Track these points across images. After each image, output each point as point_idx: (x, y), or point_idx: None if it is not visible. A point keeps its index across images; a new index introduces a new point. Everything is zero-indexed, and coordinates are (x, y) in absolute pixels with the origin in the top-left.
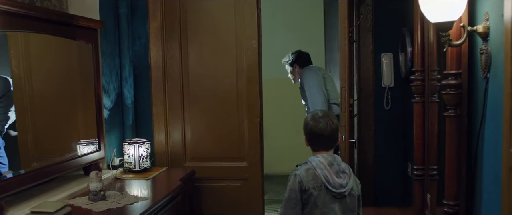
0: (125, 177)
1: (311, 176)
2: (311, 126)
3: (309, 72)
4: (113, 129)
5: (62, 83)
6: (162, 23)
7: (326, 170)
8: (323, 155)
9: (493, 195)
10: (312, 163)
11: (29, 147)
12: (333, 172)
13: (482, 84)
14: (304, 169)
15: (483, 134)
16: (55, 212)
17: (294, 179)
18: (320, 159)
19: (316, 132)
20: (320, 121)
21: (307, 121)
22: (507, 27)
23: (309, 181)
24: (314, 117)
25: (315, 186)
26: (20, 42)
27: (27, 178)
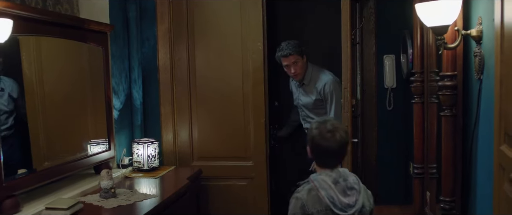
0: (134, 176)
1: (314, 198)
2: (317, 140)
3: (338, 85)
4: (123, 129)
5: (73, 85)
6: (170, 26)
7: (331, 189)
8: (326, 172)
9: (486, 190)
10: (315, 183)
11: (41, 146)
12: (339, 191)
13: (476, 85)
14: (306, 191)
15: (478, 133)
16: (69, 208)
17: (296, 203)
18: (324, 178)
19: (322, 147)
20: (328, 136)
21: (313, 134)
22: (497, 32)
23: (313, 205)
24: (321, 130)
25: (319, 210)
26: (33, 45)
27: (40, 176)
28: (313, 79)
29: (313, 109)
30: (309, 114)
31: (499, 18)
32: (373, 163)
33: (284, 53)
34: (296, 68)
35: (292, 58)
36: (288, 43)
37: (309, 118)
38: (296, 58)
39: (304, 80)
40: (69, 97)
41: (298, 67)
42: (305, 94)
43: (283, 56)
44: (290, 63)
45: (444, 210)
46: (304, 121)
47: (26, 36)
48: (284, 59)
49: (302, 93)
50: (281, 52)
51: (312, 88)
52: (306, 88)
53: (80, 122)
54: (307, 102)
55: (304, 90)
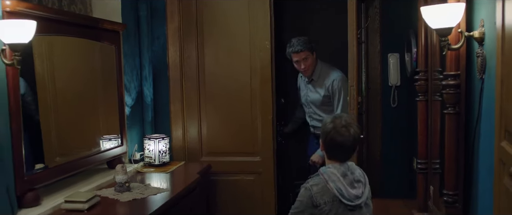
0: (146, 171)
1: (323, 190)
2: (332, 135)
3: (346, 83)
4: (134, 125)
5: (87, 83)
6: (179, 24)
7: (339, 182)
8: (335, 165)
9: (487, 184)
10: (324, 175)
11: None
12: (347, 183)
13: (478, 84)
14: (315, 182)
15: (479, 130)
16: (87, 201)
17: (305, 192)
18: (333, 170)
19: (337, 142)
20: (342, 131)
21: (328, 129)
22: (498, 34)
23: (321, 196)
24: (336, 125)
25: (326, 201)
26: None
27: (58, 171)
28: (322, 76)
29: (321, 105)
30: (316, 110)
31: (500, 21)
32: (378, 158)
33: (295, 49)
34: (306, 64)
35: (303, 54)
36: (299, 39)
37: (316, 115)
38: (306, 54)
39: (313, 76)
40: (84, 95)
41: (308, 63)
42: (314, 90)
43: (294, 52)
44: (300, 59)
45: (447, 203)
46: (311, 118)
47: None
48: (294, 55)
49: (310, 90)
50: (292, 48)
51: (321, 84)
52: (315, 84)
53: (94, 118)
54: (315, 99)
55: (313, 87)
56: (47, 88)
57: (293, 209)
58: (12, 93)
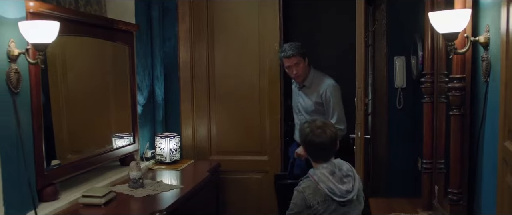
0: (157, 168)
1: (314, 191)
2: (310, 138)
3: (338, 91)
4: (146, 123)
5: (101, 82)
6: (190, 25)
7: (329, 181)
8: (322, 165)
9: (490, 183)
10: (314, 177)
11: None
12: (337, 180)
13: (483, 87)
14: (307, 185)
15: (484, 131)
16: (103, 196)
17: (297, 195)
18: (321, 171)
19: (317, 144)
20: (319, 132)
21: (306, 133)
22: (502, 39)
23: (314, 197)
24: (312, 128)
25: (319, 201)
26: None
27: (74, 167)
28: (315, 83)
29: (313, 112)
30: (307, 118)
31: (505, 26)
32: (384, 158)
33: (287, 54)
34: (297, 69)
35: (294, 59)
36: (291, 45)
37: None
38: (297, 59)
39: (305, 83)
40: (98, 94)
41: (299, 69)
42: (306, 97)
43: (286, 57)
44: (291, 65)
45: (452, 201)
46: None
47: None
48: (286, 60)
49: (301, 97)
50: (284, 53)
51: (313, 91)
52: (306, 90)
53: (108, 117)
54: (307, 106)
55: (305, 93)
56: (61, 87)
57: (289, 211)
58: (34, 92)
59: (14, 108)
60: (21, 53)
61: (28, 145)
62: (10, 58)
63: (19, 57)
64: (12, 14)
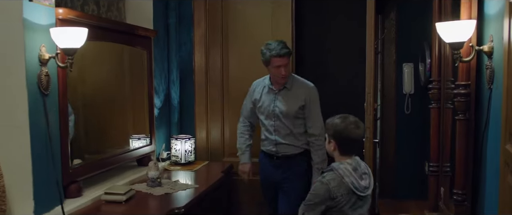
0: (173, 169)
1: (339, 184)
2: (347, 133)
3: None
4: (161, 125)
5: (120, 86)
6: (205, 31)
7: (352, 176)
8: (347, 161)
9: (493, 184)
10: (339, 171)
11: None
12: (358, 176)
13: (487, 93)
14: (331, 177)
15: (487, 134)
16: (125, 193)
17: (321, 186)
18: (346, 166)
19: (352, 138)
20: (353, 127)
21: (341, 127)
22: (505, 48)
23: (338, 190)
24: (347, 123)
25: (343, 193)
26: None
27: (95, 166)
28: (295, 85)
29: (294, 117)
30: (286, 123)
31: (507, 37)
32: (392, 161)
33: (281, 52)
34: (286, 70)
35: (286, 59)
36: (280, 43)
37: (283, 128)
38: (288, 59)
39: (287, 85)
40: (117, 97)
41: (288, 70)
42: (287, 100)
43: (279, 56)
44: (283, 64)
45: (457, 201)
46: (274, 132)
47: (94, 41)
48: (278, 59)
49: (279, 100)
50: (276, 51)
51: (295, 94)
52: (287, 93)
53: (127, 119)
54: (289, 110)
55: (284, 96)
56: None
57: (308, 201)
58: (61, 93)
59: (44, 108)
60: (51, 57)
61: (56, 144)
62: (41, 62)
63: (49, 61)
64: (44, 21)
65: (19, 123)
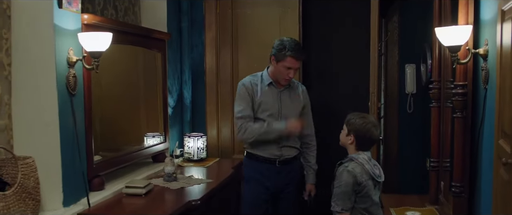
0: (186, 165)
1: (362, 170)
2: (370, 133)
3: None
4: (175, 124)
5: (137, 86)
6: (216, 34)
7: (368, 164)
8: (365, 153)
9: (488, 177)
10: (359, 160)
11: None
12: (372, 165)
13: (482, 93)
14: (354, 166)
15: (483, 131)
16: (144, 187)
17: (348, 174)
18: (363, 156)
19: (373, 137)
20: (375, 128)
21: (363, 127)
22: (498, 52)
23: (361, 175)
24: (368, 124)
25: (366, 179)
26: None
27: (115, 161)
28: (294, 84)
29: (297, 117)
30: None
31: (499, 41)
32: (395, 158)
33: (298, 55)
34: (295, 74)
35: (299, 63)
36: (298, 43)
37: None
38: (300, 64)
39: (290, 83)
40: (134, 97)
41: (296, 74)
42: (292, 100)
43: (295, 58)
44: (295, 67)
45: (455, 193)
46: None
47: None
48: (294, 61)
49: (284, 101)
50: (295, 52)
51: (297, 93)
52: (291, 93)
53: (144, 117)
54: (293, 111)
55: (289, 96)
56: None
57: (342, 187)
58: (87, 93)
59: (71, 108)
60: (78, 60)
61: (81, 140)
62: (69, 64)
63: (76, 64)
64: (71, 26)
65: (50, 121)
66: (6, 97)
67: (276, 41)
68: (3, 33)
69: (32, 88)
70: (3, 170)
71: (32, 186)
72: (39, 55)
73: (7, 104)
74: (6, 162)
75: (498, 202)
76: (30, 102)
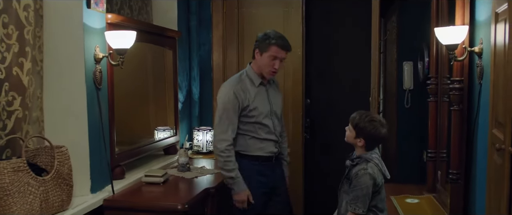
0: (196, 157)
1: (378, 171)
2: (382, 133)
3: None
4: (184, 118)
5: (151, 83)
6: (223, 33)
7: (381, 164)
8: (375, 152)
9: (483, 164)
10: (375, 161)
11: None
12: (383, 164)
13: (477, 88)
14: (372, 167)
15: (478, 122)
16: (162, 176)
17: (369, 177)
18: (377, 156)
19: (382, 135)
20: (382, 128)
21: (378, 129)
22: (491, 50)
23: (378, 177)
24: (376, 123)
25: (381, 178)
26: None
27: (132, 153)
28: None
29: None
30: (279, 120)
31: (493, 40)
32: (393, 150)
33: (283, 43)
34: (280, 65)
35: (285, 54)
36: (283, 35)
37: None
38: (286, 55)
39: (273, 78)
40: (148, 93)
41: (282, 66)
42: (275, 96)
43: (280, 46)
44: (280, 57)
45: (452, 180)
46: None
47: None
48: (279, 50)
49: (272, 97)
50: (279, 40)
51: (277, 88)
52: (274, 88)
53: (157, 112)
54: (279, 107)
55: (273, 91)
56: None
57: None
58: (110, 88)
59: (97, 101)
60: (104, 57)
61: (106, 132)
62: (96, 60)
63: (102, 60)
64: (97, 25)
65: (79, 114)
66: (38, 91)
67: (259, 34)
68: (36, 32)
69: (63, 83)
70: (37, 158)
71: (66, 173)
72: (69, 52)
73: (39, 97)
74: (40, 151)
75: (492, 185)
76: (60, 96)
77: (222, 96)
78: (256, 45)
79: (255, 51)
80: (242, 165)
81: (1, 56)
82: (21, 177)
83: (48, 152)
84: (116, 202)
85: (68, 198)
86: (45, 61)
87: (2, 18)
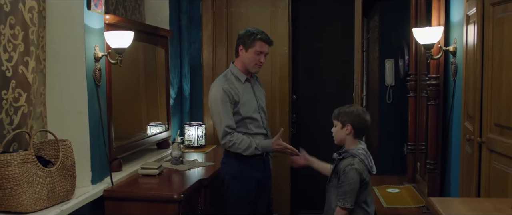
0: (187, 151)
1: (364, 167)
2: (364, 119)
3: None
4: (175, 114)
5: (144, 80)
6: (212, 31)
7: (368, 158)
8: (361, 142)
9: (457, 155)
10: (360, 156)
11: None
12: (368, 158)
13: (451, 84)
14: (357, 162)
15: (452, 115)
16: (158, 168)
17: (356, 173)
18: (362, 151)
19: (367, 123)
20: (365, 114)
21: (358, 114)
22: (464, 49)
23: (364, 172)
24: (359, 111)
25: (367, 174)
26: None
27: (128, 147)
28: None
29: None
30: (265, 114)
31: (465, 40)
32: (376, 144)
33: (267, 38)
34: (265, 59)
35: (268, 48)
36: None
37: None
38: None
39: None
40: (142, 90)
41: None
42: (260, 93)
43: (265, 41)
44: (265, 52)
45: (429, 169)
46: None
47: None
48: (264, 44)
49: (257, 92)
50: (265, 35)
51: (260, 83)
52: (257, 84)
53: (150, 108)
54: (264, 102)
55: (258, 87)
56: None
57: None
58: (108, 85)
59: (97, 97)
60: (103, 55)
61: (105, 126)
62: (95, 59)
63: (101, 58)
64: (96, 25)
65: (81, 109)
66: (42, 88)
67: (241, 32)
68: (39, 32)
69: (64, 81)
70: (42, 151)
71: (70, 165)
72: (71, 51)
73: (42, 94)
74: (44, 144)
75: (464, 172)
76: (62, 92)
77: (213, 96)
78: (239, 42)
79: (238, 48)
80: (235, 161)
81: (8, 56)
82: (29, 168)
83: (52, 145)
84: (115, 192)
85: (72, 188)
86: (47, 60)
87: (9, 20)
